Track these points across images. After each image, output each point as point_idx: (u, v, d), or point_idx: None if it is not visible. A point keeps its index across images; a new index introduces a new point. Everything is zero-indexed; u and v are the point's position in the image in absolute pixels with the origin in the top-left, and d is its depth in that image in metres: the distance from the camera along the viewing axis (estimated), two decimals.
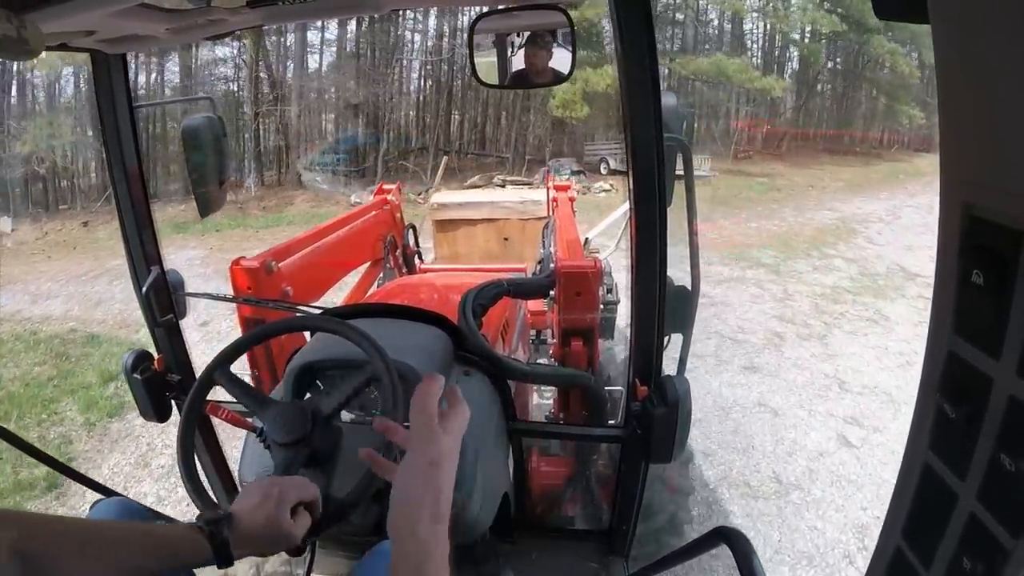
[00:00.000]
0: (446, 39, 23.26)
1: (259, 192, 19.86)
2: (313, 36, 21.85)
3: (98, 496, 2.00)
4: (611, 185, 20.44)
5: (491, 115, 24.73)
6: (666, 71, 22.00)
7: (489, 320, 2.37)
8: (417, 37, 23.54)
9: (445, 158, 16.84)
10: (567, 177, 18.59)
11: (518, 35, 1.69)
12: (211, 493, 1.42)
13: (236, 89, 21.32)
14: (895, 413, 4.95)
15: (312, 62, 22.55)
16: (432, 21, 22.98)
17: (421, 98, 23.73)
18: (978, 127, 0.52)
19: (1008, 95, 0.46)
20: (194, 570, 1.25)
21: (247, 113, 20.89)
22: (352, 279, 3.89)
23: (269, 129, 21.49)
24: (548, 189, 4.95)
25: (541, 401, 3.34)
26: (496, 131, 24.79)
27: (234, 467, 2.38)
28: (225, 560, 1.06)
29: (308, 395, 1.77)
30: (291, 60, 21.91)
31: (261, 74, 21.03)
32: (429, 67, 23.71)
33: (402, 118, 23.29)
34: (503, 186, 17.70)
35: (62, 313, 8.67)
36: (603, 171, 22.15)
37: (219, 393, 1.51)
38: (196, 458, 1.49)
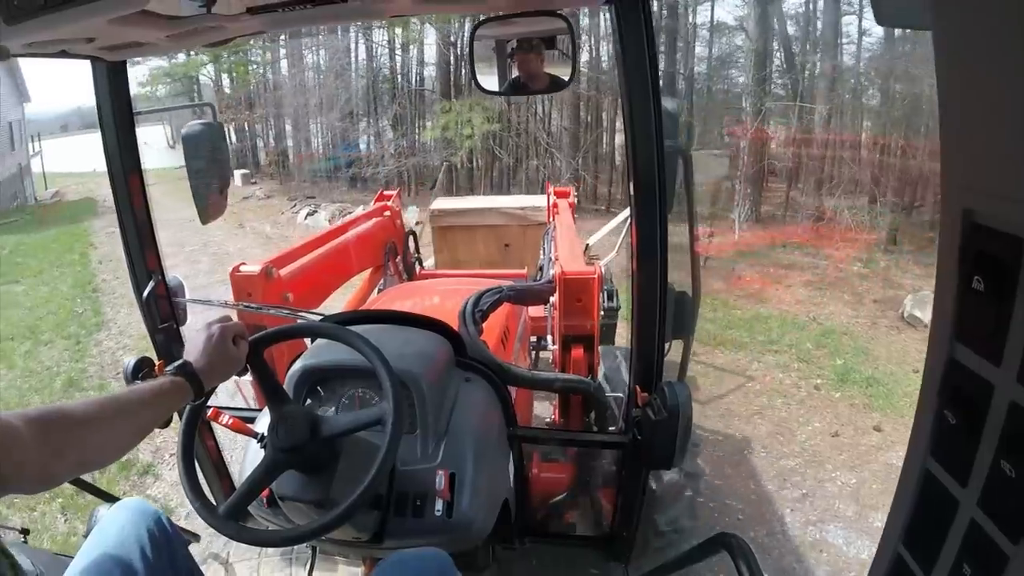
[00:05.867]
0: None
1: None
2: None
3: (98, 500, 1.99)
4: None
5: None
6: None
7: (490, 326, 2.36)
8: None
9: (446, 164, 16.68)
10: None
11: (517, 42, 1.69)
12: (211, 497, 1.41)
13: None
14: None
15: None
16: None
17: None
18: (978, 133, 0.52)
19: (1008, 101, 0.46)
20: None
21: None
22: (353, 285, 3.89)
23: None
24: (548, 195, 4.94)
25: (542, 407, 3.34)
26: None
27: (234, 471, 2.38)
28: (202, 391, 1.32)
29: (308, 401, 1.77)
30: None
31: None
32: None
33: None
34: None
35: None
36: None
37: (221, 399, 1.51)
38: (196, 463, 1.49)
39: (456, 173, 16.65)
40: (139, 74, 19.42)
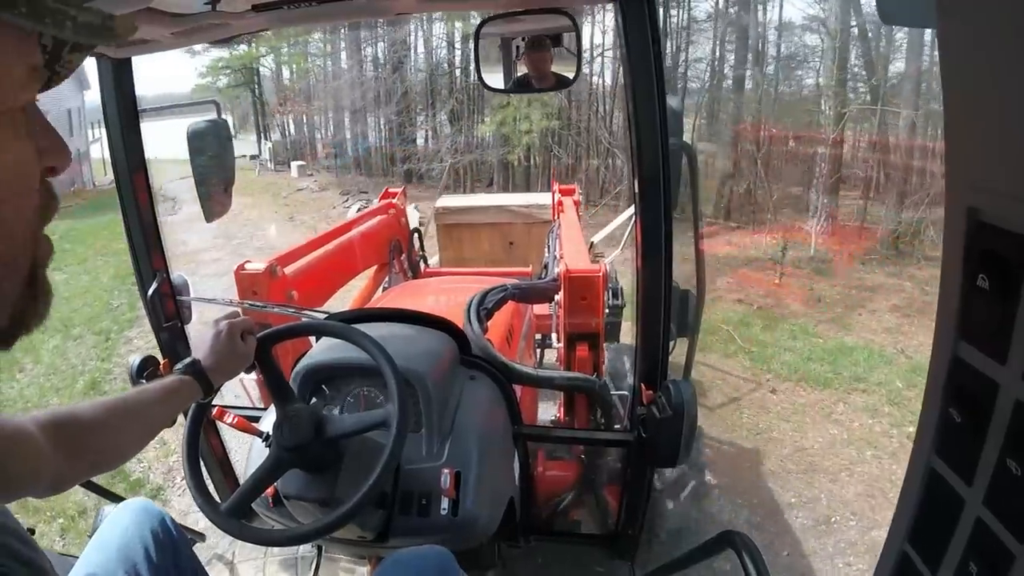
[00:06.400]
0: None
1: None
2: None
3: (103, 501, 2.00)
4: None
5: None
6: None
7: (495, 324, 2.36)
8: None
9: (450, 162, 16.65)
10: None
11: (523, 39, 1.69)
12: (216, 496, 1.42)
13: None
14: None
15: None
16: None
17: None
18: (984, 131, 0.51)
19: (1014, 99, 0.46)
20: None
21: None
22: (358, 283, 3.89)
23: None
24: (553, 193, 4.94)
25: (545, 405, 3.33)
26: None
27: (240, 471, 2.39)
28: (211, 389, 1.32)
29: (314, 400, 1.77)
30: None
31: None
32: None
33: None
34: None
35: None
36: None
37: (226, 397, 1.51)
38: (202, 462, 1.49)
39: (512, 171, 16.43)
40: (199, 64, 20.66)
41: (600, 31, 15.43)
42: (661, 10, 14.72)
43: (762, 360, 6.22)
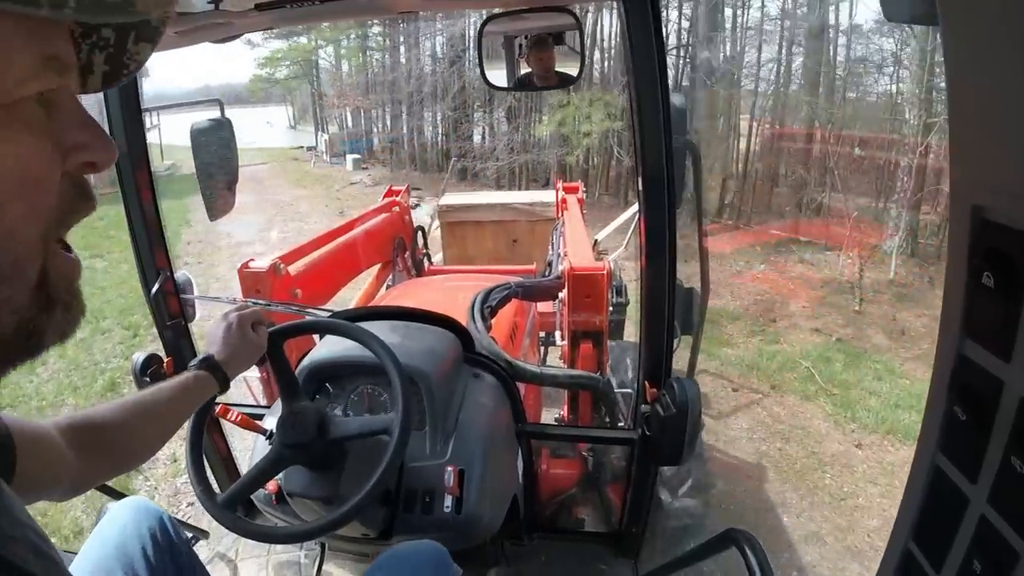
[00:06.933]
0: None
1: None
2: None
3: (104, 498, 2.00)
4: None
5: None
6: None
7: (499, 322, 2.36)
8: None
9: (453, 159, 16.57)
10: None
11: (526, 38, 1.69)
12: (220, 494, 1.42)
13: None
14: None
15: None
16: None
17: None
18: (988, 129, 0.51)
19: (1018, 97, 0.46)
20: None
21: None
22: (362, 280, 3.87)
23: None
24: (557, 190, 4.94)
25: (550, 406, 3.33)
26: None
27: (243, 470, 2.39)
28: (226, 382, 1.32)
29: (317, 397, 1.78)
30: None
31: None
32: None
33: None
34: None
35: None
36: None
37: (230, 396, 1.52)
38: (205, 459, 1.50)
39: (570, 172, 15.91)
40: (259, 55, 21.27)
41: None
42: (728, 9, 14.41)
43: (845, 406, 5.63)
